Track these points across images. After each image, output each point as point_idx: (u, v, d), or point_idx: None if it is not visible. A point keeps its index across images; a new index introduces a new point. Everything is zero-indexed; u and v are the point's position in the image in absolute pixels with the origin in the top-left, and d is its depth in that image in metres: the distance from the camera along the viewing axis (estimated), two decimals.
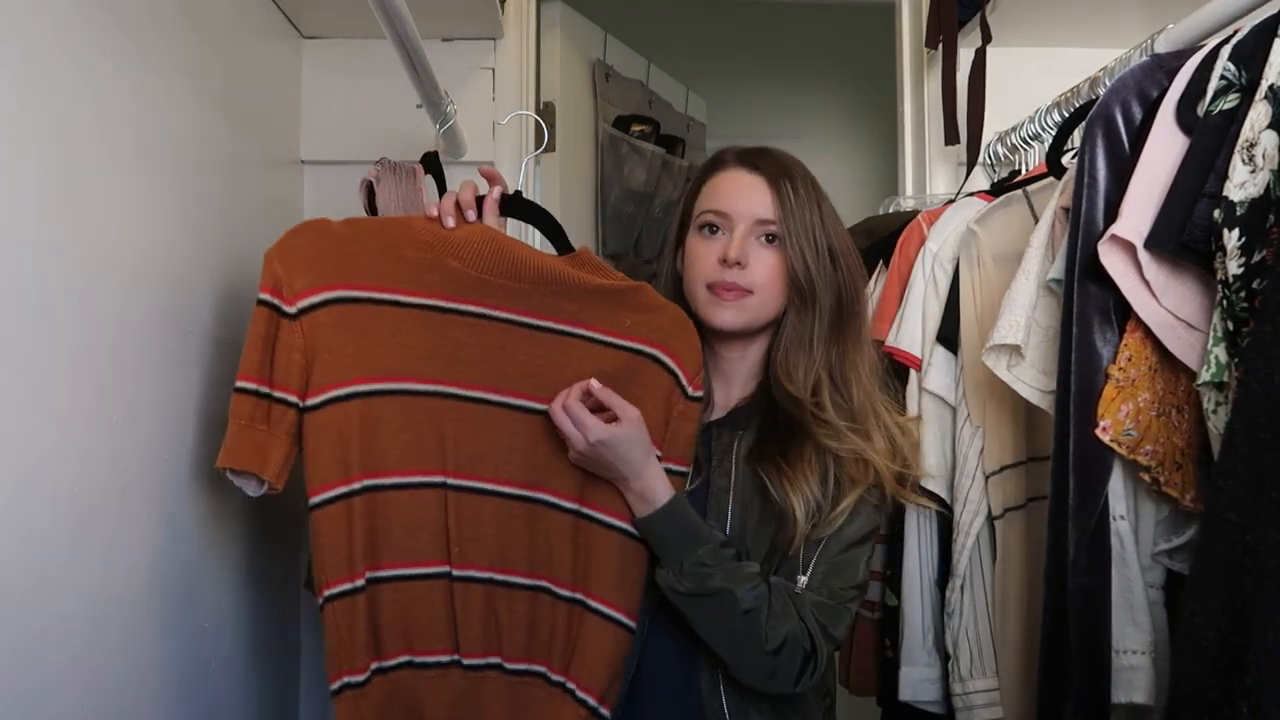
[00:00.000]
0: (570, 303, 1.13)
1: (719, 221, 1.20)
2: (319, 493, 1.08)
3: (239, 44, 1.62)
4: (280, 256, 1.08)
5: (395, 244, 1.11)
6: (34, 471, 1.00)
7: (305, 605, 1.86)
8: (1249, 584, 0.74)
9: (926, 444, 1.39)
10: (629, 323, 1.13)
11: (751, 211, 1.19)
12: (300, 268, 1.07)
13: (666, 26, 3.51)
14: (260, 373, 1.07)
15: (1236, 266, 0.84)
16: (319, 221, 1.12)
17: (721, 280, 1.17)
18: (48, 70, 1.03)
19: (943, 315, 1.41)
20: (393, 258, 1.10)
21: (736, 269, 1.17)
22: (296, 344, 1.06)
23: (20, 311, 0.98)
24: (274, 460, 1.07)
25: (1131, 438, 0.96)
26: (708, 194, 1.23)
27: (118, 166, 1.18)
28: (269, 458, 1.07)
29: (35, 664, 1.00)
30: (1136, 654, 0.99)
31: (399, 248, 1.11)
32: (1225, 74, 0.92)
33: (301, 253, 1.09)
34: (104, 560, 1.13)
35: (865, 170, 3.74)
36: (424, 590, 1.10)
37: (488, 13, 1.88)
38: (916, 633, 1.42)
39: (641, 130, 2.69)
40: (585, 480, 1.12)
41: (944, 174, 2.08)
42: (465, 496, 1.10)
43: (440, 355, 1.10)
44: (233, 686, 1.51)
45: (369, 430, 1.08)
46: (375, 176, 1.42)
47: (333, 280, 1.08)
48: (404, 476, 1.09)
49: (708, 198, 1.23)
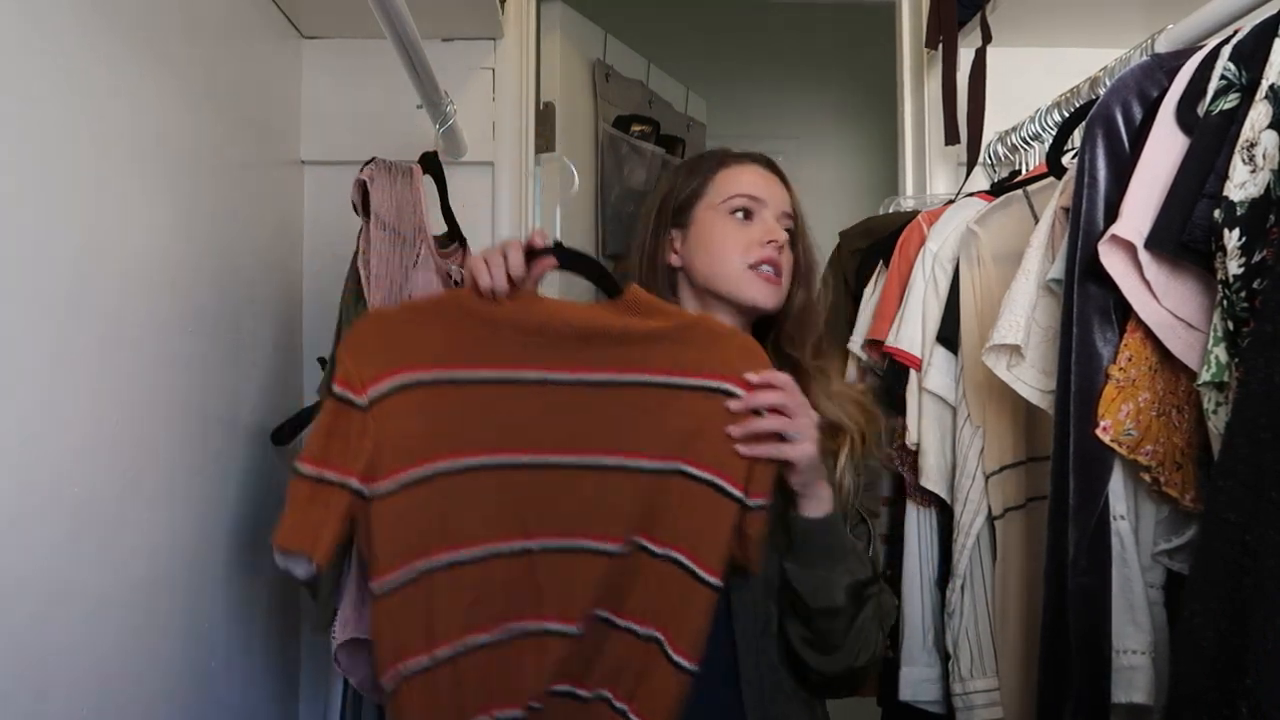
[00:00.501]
0: (631, 350, 1.11)
1: (753, 206, 1.25)
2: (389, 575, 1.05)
3: (239, 44, 1.61)
4: (348, 349, 1.09)
5: (452, 321, 1.11)
6: (33, 472, 1.00)
7: (305, 605, 1.86)
8: (1249, 584, 0.74)
9: (926, 444, 1.40)
10: (694, 359, 1.10)
11: (778, 203, 1.27)
12: (367, 357, 1.08)
13: (666, 26, 3.51)
14: (324, 458, 1.06)
15: (1236, 266, 0.84)
16: (378, 311, 1.17)
17: (771, 258, 1.22)
18: (47, 71, 1.03)
19: (943, 315, 1.41)
20: (452, 335, 1.10)
21: (779, 250, 1.23)
22: (367, 431, 1.05)
23: (19, 312, 0.98)
24: (325, 541, 1.05)
25: (1132, 438, 0.96)
26: (730, 182, 1.27)
27: (117, 167, 1.18)
28: (320, 538, 1.05)
29: (35, 664, 1.00)
30: (1136, 654, 0.99)
31: (456, 325, 1.10)
32: (1225, 74, 0.92)
33: (366, 343, 1.09)
34: (103, 560, 1.13)
35: (865, 170, 3.74)
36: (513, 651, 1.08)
37: (488, 13, 1.88)
38: (916, 633, 1.42)
39: (641, 130, 2.69)
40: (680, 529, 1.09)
41: (944, 174, 2.08)
42: (553, 556, 1.09)
43: (512, 426, 1.09)
44: (233, 686, 1.51)
45: (447, 509, 1.07)
46: (369, 176, 1.42)
47: (397, 365, 1.07)
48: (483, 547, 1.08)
49: (733, 184, 1.26)
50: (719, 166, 1.28)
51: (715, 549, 1.08)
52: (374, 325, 1.13)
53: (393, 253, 1.46)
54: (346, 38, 1.94)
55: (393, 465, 1.06)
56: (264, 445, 1.68)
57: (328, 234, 1.91)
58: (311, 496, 1.05)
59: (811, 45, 3.73)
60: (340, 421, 1.06)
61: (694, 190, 1.27)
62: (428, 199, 1.57)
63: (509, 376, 1.10)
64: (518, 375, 1.10)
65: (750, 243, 1.23)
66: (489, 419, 1.09)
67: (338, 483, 1.05)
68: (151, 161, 1.27)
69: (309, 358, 1.83)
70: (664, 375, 1.10)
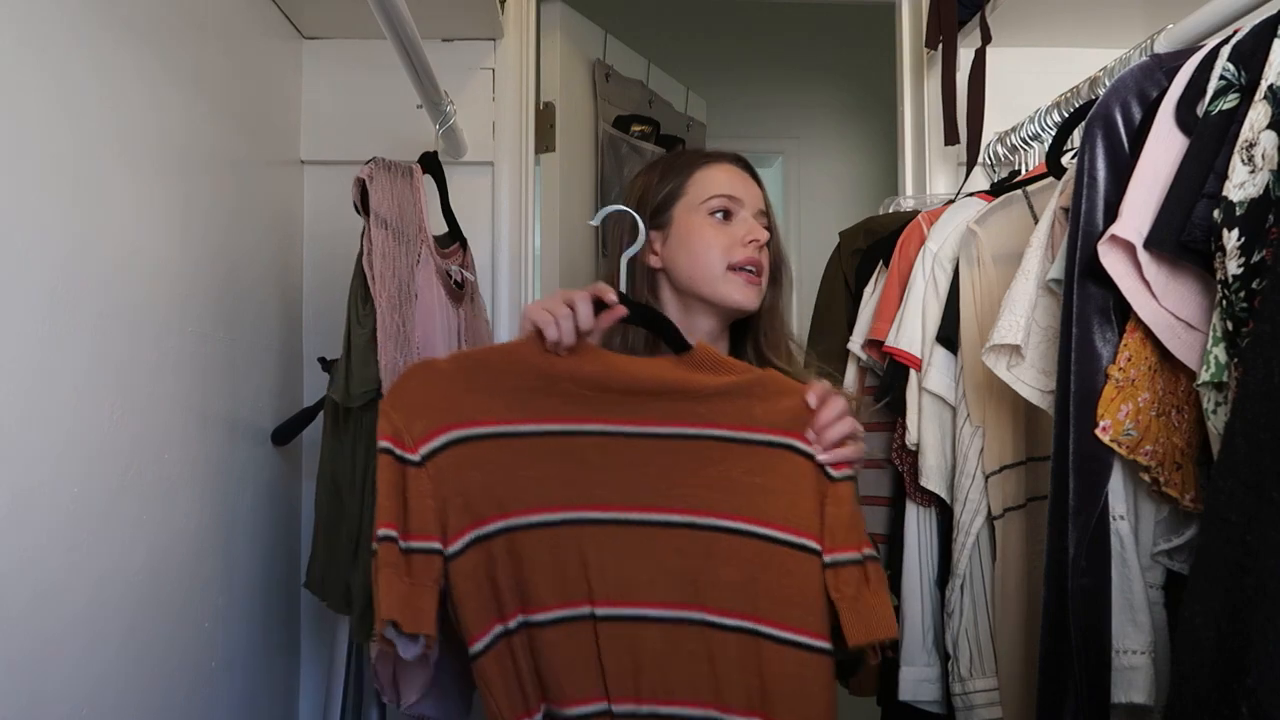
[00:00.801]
0: (698, 405, 1.06)
1: (732, 206, 1.25)
2: (479, 639, 1.02)
3: (239, 44, 1.62)
4: (394, 405, 1.03)
5: (504, 373, 1.05)
6: (34, 472, 1.00)
7: (305, 605, 1.87)
8: (1249, 584, 0.74)
9: (926, 444, 1.40)
10: (759, 413, 1.06)
11: (754, 202, 1.27)
12: (416, 412, 1.02)
13: (666, 26, 3.52)
14: (397, 520, 1.00)
15: (1236, 266, 0.84)
16: (425, 363, 1.08)
17: (753, 259, 1.23)
18: (46, 71, 1.03)
19: (943, 315, 1.41)
20: (504, 388, 1.05)
21: (760, 250, 1.24)
22: (427, 490, 1.01)
23: (19, 312, 0.98)
24: (426, 612, 0.99)
25: (1131, 438, 0.96)
26: (708, 182, 1.26)
27: (116, 166, 1.18)
28: (421, 610, 0.99)
29: (35, 664, 1.00)
30: (1136, 654, 0.99)
31: (508, 376, 1.05)
32: (1225, 74, 0.92)
33: (413, 397, 1.04)
34: (104, 560, 1.13)
35: (865, 170, 3.74)
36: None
37: (488, 13, 1.88)
38: (916, 633, 1.42)
39: (641, 130, 2.69)
40: (754, 592, 1.03)
41: (944, 174, 2.08)
42: (615, 626, 1.03)
43: (571, 480, 1.04)
44: (233, 686, 1.51)
45: (514, 567, 1.03)
46: (368, 175, 1.43)
47: (450, 421, 1.03)
48: (552, 612, 1.03)
49: (711, 184, 1.26)
50: (695, 167, 1.28)
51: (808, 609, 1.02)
52: (421, 379, 1.06)
53: (397, 251, 1.46)
54: (346, 38, 1.94)
55: (459, 525, 1.02)
56: (264, 445, 1.68)
57: (327, 234, 1.92)
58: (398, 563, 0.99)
59: (811, 45, 3.73)
60: (400, 479, 1.01)
61: (671, 191, 1.27)
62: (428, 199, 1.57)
63: (570, 429, 1.05)
64: (579, 427, 1.05)
65: (732, 243, 1.23)
66: (552, 472, 1.04)
67: (425, 549, 1.00)
68: (152, 161, 1.27)
69: (309, 358, 1.84)
70: (730, 430, 1.06)
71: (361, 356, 1.44)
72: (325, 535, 1.52)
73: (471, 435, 1.03)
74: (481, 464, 1.03)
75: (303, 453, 1.84)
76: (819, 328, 1.78)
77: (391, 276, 1.45)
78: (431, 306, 1.55)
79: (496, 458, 1.03)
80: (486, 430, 1.04)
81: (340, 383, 1.45)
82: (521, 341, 1.06)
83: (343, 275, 1.52)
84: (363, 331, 1.44)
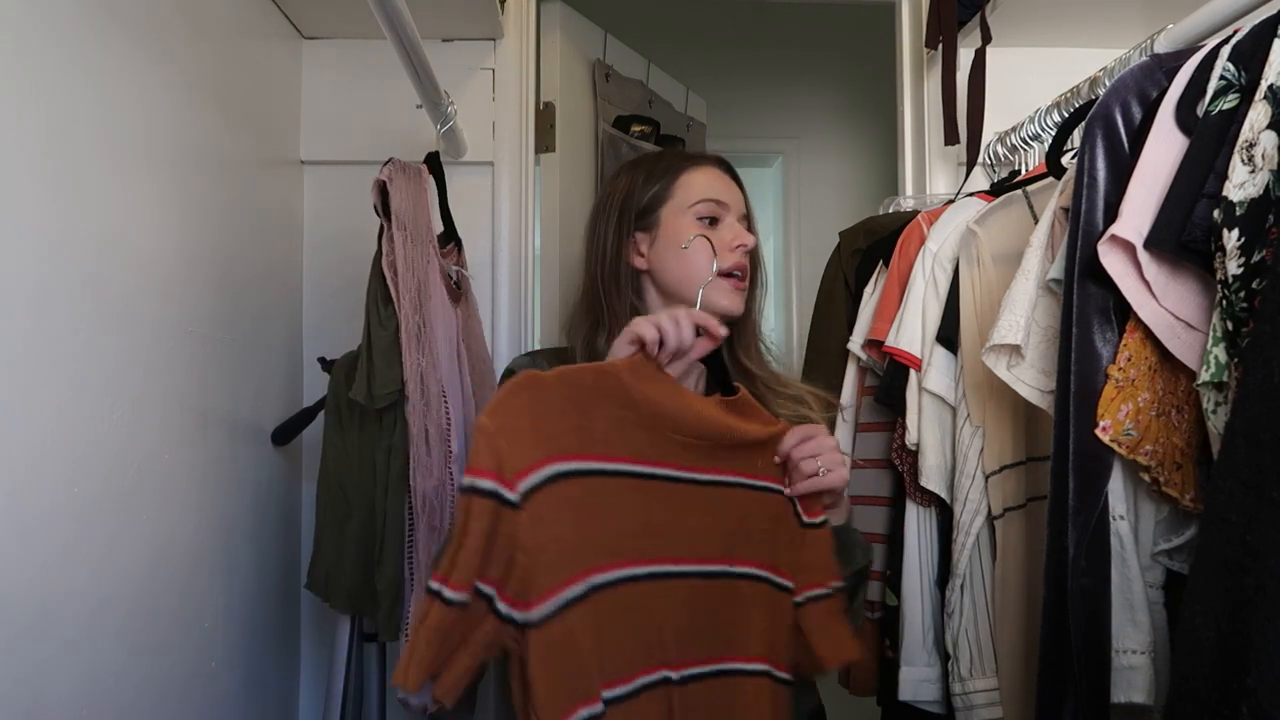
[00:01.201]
0: (735, 452, 1.06)
1: (719, 211, 1.25)
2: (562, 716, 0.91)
3: (239, 44, 1.62)
4: (501, 429, 0.89)
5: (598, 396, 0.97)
6: (34, 471, 1.00)
7: (305, 605, 1.87)
8: (1249, 584, 0.74)
9: (926, 444, 1.40)
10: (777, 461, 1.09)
11: (738, 206, 1.28)
12: (522, 437, 0.90)
13: (666, 26, 3.52)
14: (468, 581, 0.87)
15: (1236, 266, 0.84)
16: (532, 377, 0.93)
17: (741, 265, 1.24)
18: (47, 72, 1.03)
19: (943, 315, 1.41)
20: (598, 415, 0.96)
21: (746, 255, 1.24)
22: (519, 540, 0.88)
23: (20, 312, 0.98)
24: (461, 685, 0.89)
25: (1131, 438, 0.96)
26: (695, 186, 1.26)
27: (117, 166, 1.18)
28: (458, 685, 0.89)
29: (34, 663, 1.00)
30: (1136, 654, 0.99)
31: (602, 402, 0.97)
32: (1225, 74, 0.92)
33: (519, 418, 0.91)
34: (103, 560, 1.13)
35: (865, 170, 3.74)
36: None
37: (488, 13, 1.88)
38: (916, 633, 1.42)
39: (641, 130, 2.69)
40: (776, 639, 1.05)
41: (944, 174, 2.08)
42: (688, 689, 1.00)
43: (648, 531, 0.99)
44: (233, 686, 1.51)
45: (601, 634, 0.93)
46: (388, 176, 1.43)
47: (553, 451, 0.92)
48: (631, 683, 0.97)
49: (698, 188, 1.26)
50: (680, 169, 1.27)
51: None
52: (529, 397, 0.93)
53: (414, 252, 1.47)
54: (346, 38, 1.94)
55: (548, 584, 0.90)
56: (264, 445, 1.68)
57: (328, 233, 1.92)
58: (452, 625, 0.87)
59: (811, 45, 3.73)
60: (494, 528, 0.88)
61: (657, 193, 1.26)
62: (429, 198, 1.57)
63: (646, 471, 0.99)
64: (653, 470, 0.99)
65: (720, 248, 1.23)
66: (632, 521, 0.97)
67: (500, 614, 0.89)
68: (151, 161, 1.27)
69: (309, 358, 1.84)
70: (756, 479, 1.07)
71: (385, 358, 1.44)
72: (328, 536, 1.52)
73: (568, 471, 0.92)
74: (574, 506, 0.93)
75: (303, 453, 1.84)
76: (819, 328, 1.78)
77: (411, 278, 1.45)
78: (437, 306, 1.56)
79: (587, 499, 0.94)
80: (581, 465, 0.94)
81: (362, 384, 1.45)
82: (615, 363, 1.00)
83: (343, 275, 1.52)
84: (384, 333, 1.44)
